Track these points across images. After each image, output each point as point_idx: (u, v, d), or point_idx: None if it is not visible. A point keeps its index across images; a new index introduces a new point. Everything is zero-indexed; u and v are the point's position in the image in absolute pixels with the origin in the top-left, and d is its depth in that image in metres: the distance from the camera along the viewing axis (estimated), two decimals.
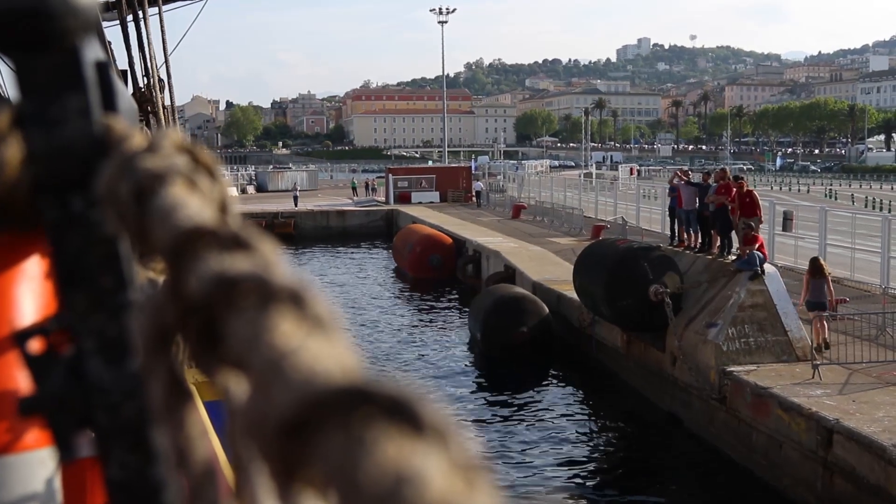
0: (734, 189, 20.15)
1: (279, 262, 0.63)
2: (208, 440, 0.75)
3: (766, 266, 18.07)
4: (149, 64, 8.94)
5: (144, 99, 8.34)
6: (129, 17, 8.80)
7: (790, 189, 78.51)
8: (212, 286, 0.61)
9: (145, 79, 8.78)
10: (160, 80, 9.06)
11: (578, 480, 16.06)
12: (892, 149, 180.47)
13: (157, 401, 0.72)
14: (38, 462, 1.28)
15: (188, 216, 0.70)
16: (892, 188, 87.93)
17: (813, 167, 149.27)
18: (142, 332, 0.70)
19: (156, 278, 0.91)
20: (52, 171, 0.92)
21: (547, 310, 23.45)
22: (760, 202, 20.80)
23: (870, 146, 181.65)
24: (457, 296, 34.61)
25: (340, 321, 0.57)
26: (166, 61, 9.01)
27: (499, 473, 15.98)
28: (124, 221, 0.80)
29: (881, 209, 52.84)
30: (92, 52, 0.93)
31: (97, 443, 0.95)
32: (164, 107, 8.90)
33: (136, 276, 0.96)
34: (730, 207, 19.82)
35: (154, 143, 0.84)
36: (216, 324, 0.60)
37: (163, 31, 9.29)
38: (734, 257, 19.14)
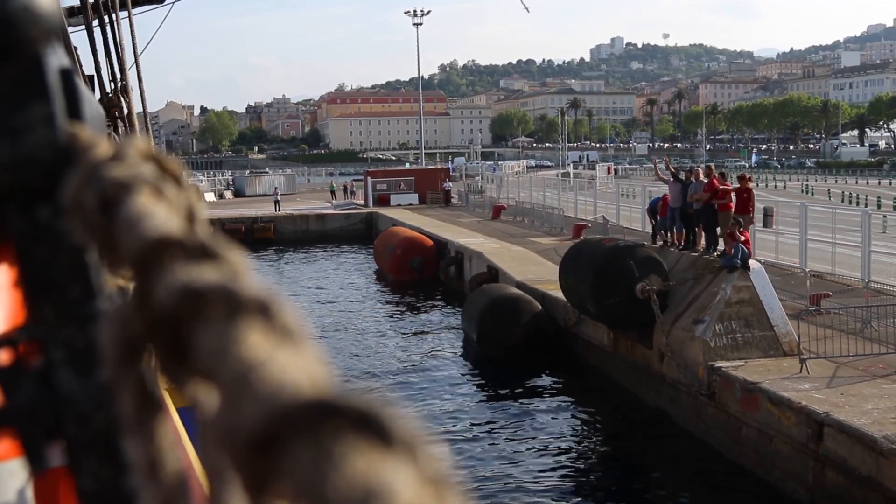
0: (718, 185, 20.35)
1: (247, 272, 0.63)
2: (180, 451, 0.74)
3: (752, 262, 18.20)
4: (115, 69, 8.88)
5: (112, 104, 8.25)
6: (95, 22, 8.70)
7: (766, 185, 79.03)
8: (179, 298, 0.60)
9: (113, 84, 8.71)
10: (127, 85, 8.98)
11: (571, 478, 16.12)
12: (866, 144, 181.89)
13: (127, 412, 0.71)
14: (9, 473, 1.26)
15: (155, 226, 0.69)
16: (867, 183, 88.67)
17: (809, 163, 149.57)
18: (110, 344, 0.69)
19: (125, 286, 0.91)
20: (17, 181, 0.90)
21: (541, 308, 23.61)
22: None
23: (844, 142, 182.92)
24: (441, 297, 34.63)
25: (309, 331, 0.57)
26: (137, 65, 8.94)
27: (492, 471, 16.07)
28: (91, 231, 0.78)
29: (858, 204, 53.32)
30: (56, 60, 0.92)
31: (68, 454, 0.94)
32: (133, 112, 8.85)
33: (104, 285, 0.95)
34: (716, 205, 19.99)
35: (120, 151, 0.83)
36: (185, 335, 0.60)
37: (132, 35, 9.21)
38: (719, 254, 19.30)
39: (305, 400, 0.48)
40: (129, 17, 9.34)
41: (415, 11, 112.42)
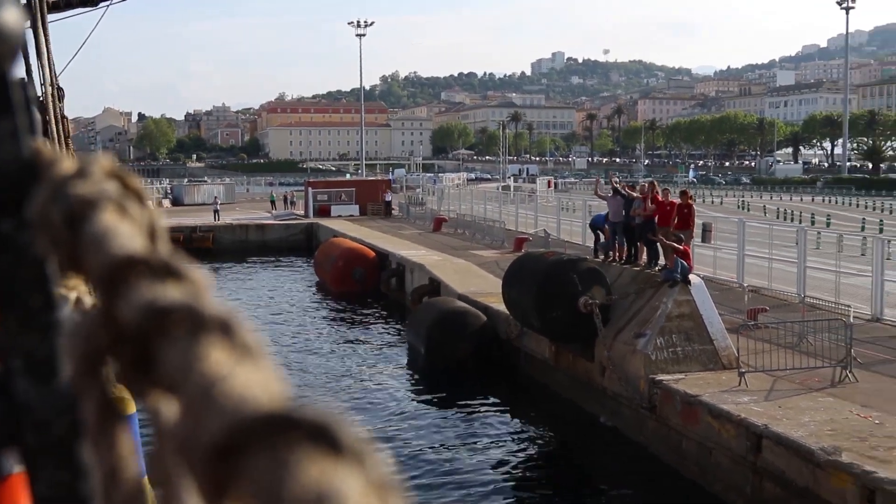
0: (660, 200, 20.64)
1: (209, 291, 0.66)
2: (138, 459, 0.77)
3: (692, 277, 18.46)
4: (47, 73, 8.81)
5: (41, 109, 8.20)
6: (27, 25, 8.63)
7: (704, 201, 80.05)
8: (145, 315, 0.63)
9: (43, 88, 8.65)
10: (59, 89, 8.92)
11: (515, 488, 16.21)
12: (800, 161, 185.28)
13: (89, 421, 0.73)
14: None
15: (120, 244, 0.71)
16: (801, 199, 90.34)
17: (745, 179, 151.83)
18: (74, 356, 0.71)
19: (70, 294, 0.92)
20: None
21: (487, 321, 23.77)
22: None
23: (778, 159, 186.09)
24: (383, 309, 34.59)
25: (267, 348, 0.60)
26: (52, 70, 8.86)
27: (438, 482, 16.10)
28: (56, 246, 0.80)
29: (792, 220, 54.34)
30: (16, 75, 0.93)
31: (26, 461, 0.93)
32: (66, 117, 8.79)
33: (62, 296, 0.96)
34: (656, 219, 20.27)
35: (84, 168, 0.85)
36: (149, 350, 0.62)
37: (48, 41, 9.14)
38: (660, 268, 19.56)
39: (264, 413, 0.52)
40: (45, 22, 9.24)
41: (358, 22, 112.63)
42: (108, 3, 14.32)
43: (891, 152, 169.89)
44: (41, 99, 8.27)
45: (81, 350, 0.70)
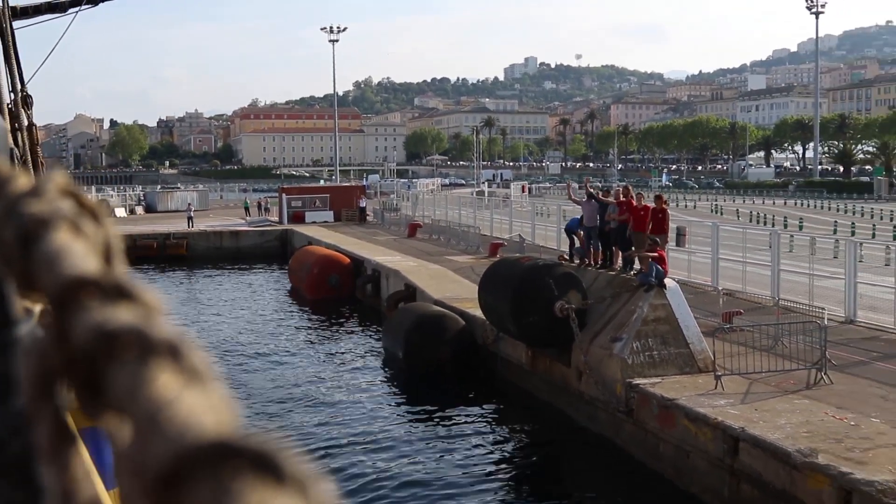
0: (635, 205, 20.72)
1: (160, 313, 0.66)
2: (92, 479, 0.77)
3: (667, 280, 18.51)
4: (16, 80, 8.74)
5: (12, 116, 8.15)
6: None
7: (677, 205, 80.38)
8: (94, 338, 0.63)
9: (13, 94, 8.59)
10: (28, 96, 8.87)
11: (493, 494, 16.20)
12: (772, 165, 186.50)
13: (43, 442, 0.73)
14: None
15: (73, 265, 0.71)
16: (773, 203, 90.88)
17: (718, 183, 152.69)
18: (27, 376, 0.70)
19: (33, 308, 0.90)
20: None
21: (465, 325, 23.78)
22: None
23: (750, 162, 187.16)
24: (358, 316, 34.49)
25: (217, 372, 0.61)
26: (21, 77, 8.80)
27: (418, 483, 16.09)
28: (10, 264, 0.79)
29: (765, 223, 54.68)
30: None
31: None
32: (34, 124, 8.75)
33: (20, 314, 0.95)
34: (630, 224, 20.35)
35: (38, 186, 0.84)
36: (100, 373, 0.62)
37: (15, 47, 9.08)
38: (635, 272, 19.61)
39: (208, 440, 0.52)
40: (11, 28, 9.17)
41: (331, 28, 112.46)
42: (76, 9, 14.22)
43: (861, 155, 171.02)
44: (10, 107, 8.19)
45: (34, 371, 0.70)
